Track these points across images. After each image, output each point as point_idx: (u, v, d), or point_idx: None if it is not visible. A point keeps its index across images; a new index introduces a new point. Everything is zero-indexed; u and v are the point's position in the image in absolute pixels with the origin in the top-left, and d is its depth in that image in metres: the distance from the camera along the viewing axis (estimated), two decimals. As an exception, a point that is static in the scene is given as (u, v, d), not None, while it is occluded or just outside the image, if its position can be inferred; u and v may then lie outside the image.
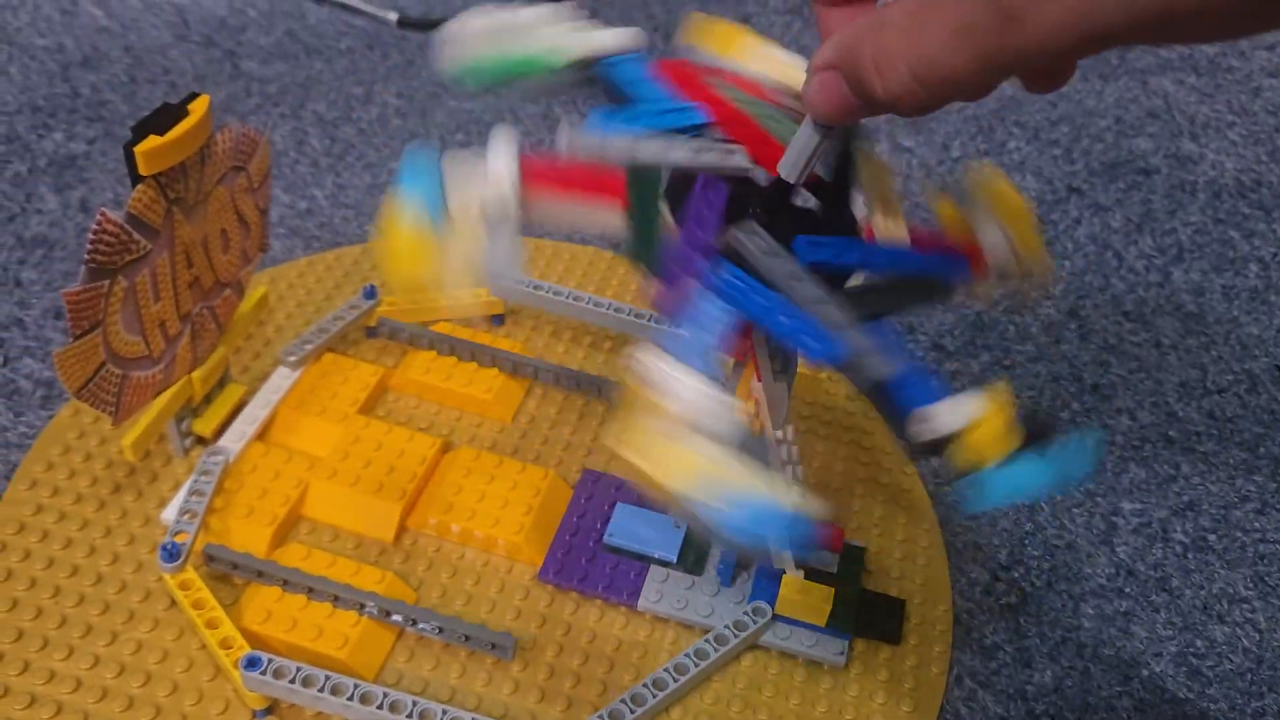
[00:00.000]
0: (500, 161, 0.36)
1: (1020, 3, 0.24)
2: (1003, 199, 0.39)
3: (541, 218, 0.37)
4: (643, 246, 0.38)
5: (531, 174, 0.37)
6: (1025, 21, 0.24)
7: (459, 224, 0.36)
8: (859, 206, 0.38)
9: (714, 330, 0.35)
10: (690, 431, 0.33)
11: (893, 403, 0.35)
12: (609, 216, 0.38)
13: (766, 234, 0.35)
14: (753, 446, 0.33)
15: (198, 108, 0.43)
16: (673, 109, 0.37)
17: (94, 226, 0.40)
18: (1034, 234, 0.39)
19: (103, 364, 0.44)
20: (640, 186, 0.37)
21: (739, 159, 0.36)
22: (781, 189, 0.35)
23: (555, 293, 0.60)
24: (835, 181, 0.38)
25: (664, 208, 0.38)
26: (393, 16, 0.87)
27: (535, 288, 0.60)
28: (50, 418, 0.53)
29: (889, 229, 0.38)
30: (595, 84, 0.40)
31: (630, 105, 0.38)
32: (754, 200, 0.36)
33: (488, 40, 0.40)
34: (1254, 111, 0.87)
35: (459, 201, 0.36)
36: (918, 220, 0.39)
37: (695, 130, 0.37)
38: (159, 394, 0.48)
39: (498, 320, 0.61)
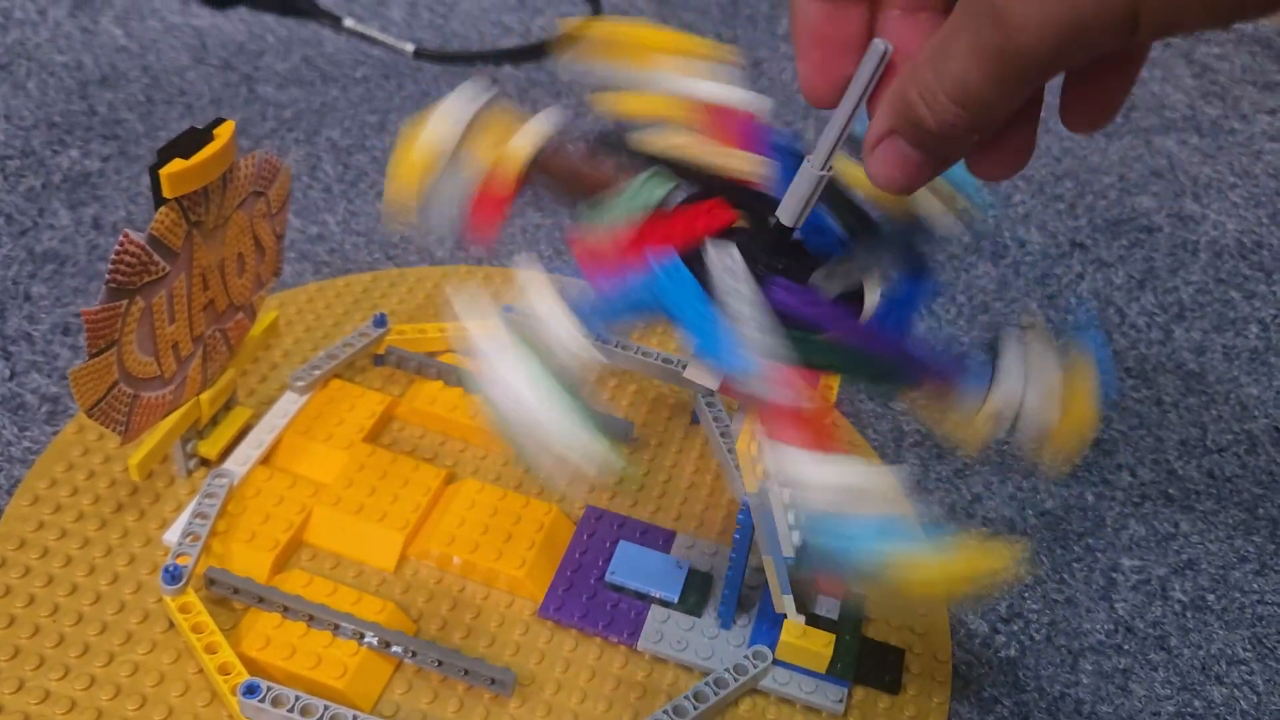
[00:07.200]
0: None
1: (1003, 3, 0.25)
2: (1073, 395, 0.39)
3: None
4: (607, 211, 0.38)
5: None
6: (1011, 18, 0.25)
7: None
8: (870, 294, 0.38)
9: (616, 302, 0.34)
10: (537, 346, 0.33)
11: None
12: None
13: (740, 259, 0.35)
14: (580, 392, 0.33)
15: (223, 133, 0.44)
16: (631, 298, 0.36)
17: (117, 247, 0.41)
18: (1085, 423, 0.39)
19: (115, 383, 0.44)
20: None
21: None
22: (782, 233, 0.35)
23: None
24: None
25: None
26: (409, 47, 0.88)
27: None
28: (55, 433, 0.53)
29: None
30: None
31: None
32: (759, 241, 0.36)
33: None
34: (1255, 174, 0.89)
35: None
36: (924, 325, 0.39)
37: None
38: (168, 415, 0.48)
39: (505, 353, 0.61)
